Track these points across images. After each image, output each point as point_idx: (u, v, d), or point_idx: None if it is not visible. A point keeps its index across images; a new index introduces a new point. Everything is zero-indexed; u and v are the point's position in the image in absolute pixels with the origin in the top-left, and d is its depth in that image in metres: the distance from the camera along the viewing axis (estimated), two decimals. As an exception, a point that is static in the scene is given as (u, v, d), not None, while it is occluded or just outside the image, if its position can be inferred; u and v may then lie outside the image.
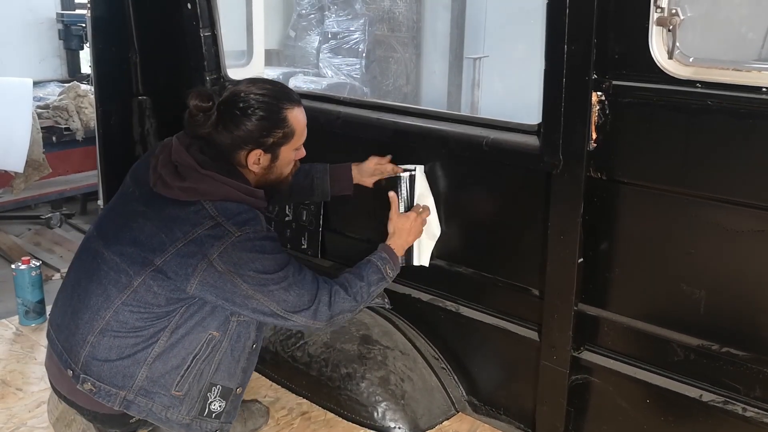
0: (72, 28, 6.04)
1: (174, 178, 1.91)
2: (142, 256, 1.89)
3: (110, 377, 1.93)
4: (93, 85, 3.21)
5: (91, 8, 3.07)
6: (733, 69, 1.69)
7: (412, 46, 5.84)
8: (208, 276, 1.86)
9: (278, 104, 1.97)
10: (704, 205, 1.83)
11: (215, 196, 1.90)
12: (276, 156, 2.01)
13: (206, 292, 1.89)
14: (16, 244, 4.95)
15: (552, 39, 1.90)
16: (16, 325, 3.10)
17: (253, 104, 1.93)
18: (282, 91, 2.02)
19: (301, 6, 6.15)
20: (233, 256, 1.86)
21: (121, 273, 1.92)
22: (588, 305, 2.10)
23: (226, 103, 1.94)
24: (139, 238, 1.91)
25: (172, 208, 1.90)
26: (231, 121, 1.93)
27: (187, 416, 1.99)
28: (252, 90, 1.96)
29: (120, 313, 1.91)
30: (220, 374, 2.01)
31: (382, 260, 2.16)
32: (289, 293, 1.93)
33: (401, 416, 2.38)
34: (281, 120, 1.97)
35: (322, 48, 6.06)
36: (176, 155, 1.94)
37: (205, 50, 2.94)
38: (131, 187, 2.04)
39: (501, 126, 2.20)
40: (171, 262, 1.87)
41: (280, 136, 1.98)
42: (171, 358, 1.94)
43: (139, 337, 1.92)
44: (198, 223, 1.87)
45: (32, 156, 4.97)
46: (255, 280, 1.89)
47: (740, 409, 1.88)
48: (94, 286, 1.95)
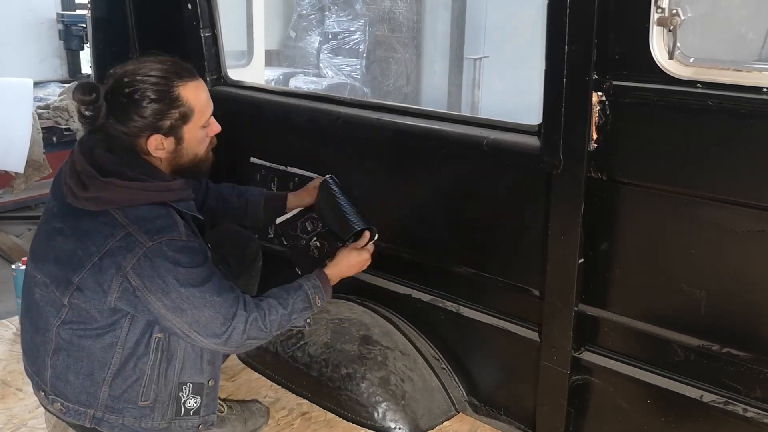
0: (72, 29, 6.03)
1: (79, 188, 1.81)
2: (64, 276, 1.83)
3: (75, 397, 1.91)
4: (93, 86, 3.21)
5: (92, 9, 3.07)
6: (734, 69, 1.69)
7: (412, 46, 5.85)
8: (124, 291, 1.78)
9: (168, 82, 1.82)
10: (704, 205, 1.83)
11: (122, 202, 1.79)
12: (180, 138, 1.86)
13: (126, 304, 1.82)
14: (17, 244, 4.95)
15: (552, 39, 1.90)
16: (17, 326, 3.09)
17: (140, 88, 1.79)
18: (171, 68, 1.86)
19: (302, 6, 6.16)
20: (146, 269, 1.75)
21: (50, 294, 1.88)
22: (588, 305, 2.10)
23: (112, 92, 1.80)
24: (59, 257, 1.85)
25: (85, 220, 1.81)
26: (120, 110, 1.79)
27: (162, 421, 1.95)
28: (137, 71, 1.81)
29: (62, 333, 1.87)
30: (186, 372, 1.95)
31: (315, 288, 2.03)
32: (202, 314, 1.81)
33: (401, 417, 2.38)
34: (174, 99, 1.82)
35: (322, 48, 6.06)
36: (78, 163, 1.84)
37: (206, 50, 2.94)
38: (51, 202, 1.96)
39: (501, 126, 2.20)
40: (88, 280, 1.79)
41: (177, 117, 1.83)
42: (129, 374, 1.89)
43: (91, 357, 1.87)
44: (109, 233, 1.77)
45: (32, 156, 4.96)
46: (168, 299, 1.78)
47: (741, 410, 1.88)
48: (37, 309, 1.92)
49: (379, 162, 2.53)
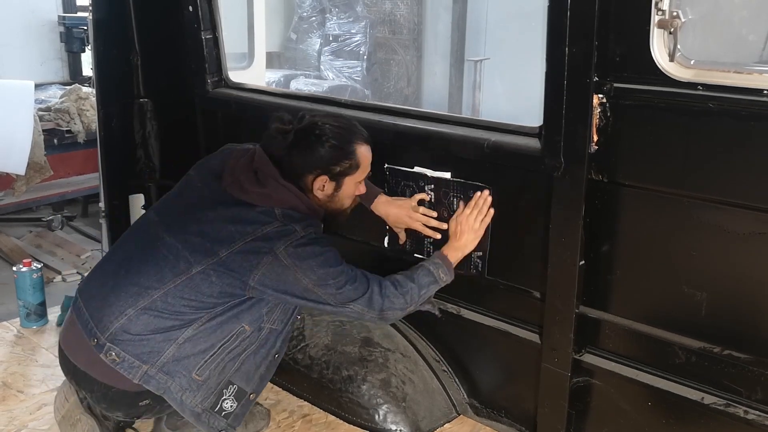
0: (73, 31, 6.05)
1: (253, 184, 2.07)
2: (207, 247, 2.01)
3: (137, 350, 1.99)
4: (94, 88, 3.22)
5: (93, 11, 3.08)
6: (734, 71, 1.69)
7: (413, 48, 5.85)
8: (273, 268, 1.99)
9: (350, 137, 2.12)
10: (705, 207, 1.83)
11: (285, 204, 2.05)
12: (340, 185, 2.14)
13: (267, 283, 2.00)
14: (18, 246, 4.96)
15: (553, 41, 1.90)
16: (18, 328, 3.10)
17: (327, 133, 2.09)
18: (355, 127, 2.17)
19: (302, 9, 6.16)
20: (298, 251, 2.00)
21: (180, 259, 2.02)
22: (589, 307, 2.10)
23: (304, 129, 2.10)
24: (205, 230, 2.03)
25: (242, 209, 2.05)
26: (305, 145, 2.08)
27: (200, 405, 2.04)
28: (328, 121, 2.13)
29: (169, 296, 2.00)
30: (239, 374, 2.08)
31: (435, 265, 2.21)
32: (344, 288, 2.06)
33: (402, 419, 2.38)
34: (351, 152, 2.11)
35: (323, 50, 6.07)
36: (259, 163, 2.10)
37: (207, 53, 2.94)
38: (198, 182, 2.18)
39: (502, 128, 2.20)
40: (236, 256, 1.99)
41: (347, 167, 2.12)
42: (201, 342, 2.01)
43: (177, 318, 2.00)
44: (267, 222, 2.02)
45: (34, 158, 4.97)
46: (315, 275, 2.02)
47: (742, 412, 1.87)
48: (149, 266, 2.04)
49: (380, 163, 2.53)
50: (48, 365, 2.79)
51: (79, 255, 4.79)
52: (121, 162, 3.26)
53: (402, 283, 2.15)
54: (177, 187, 2.24)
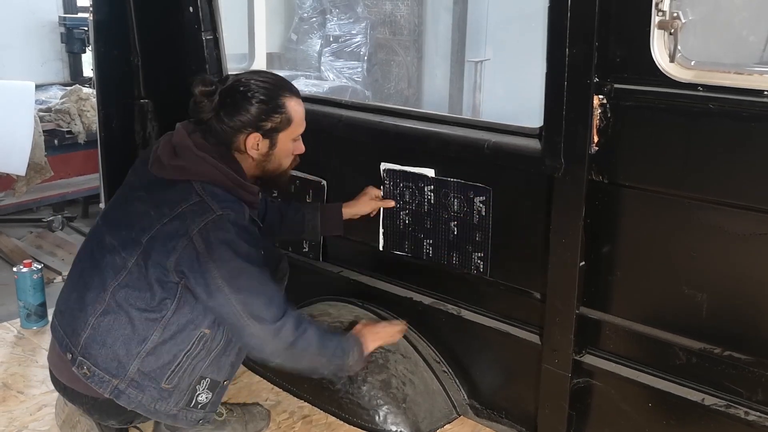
0: (74, 32, 6.04)
1: (170, 157, 1.99)
2: (133, 237, 1.95)
3: (105, 363, 1.96)
4: (95, 89, 3.22)
5: (93, 12, 3.08)
6: (735, 72, 1.69)
7: (413, 49, 5.84)
8: (186, 254, 1.89)
9: (278, 91, 2.03)
10: (706, 208, 1.83)
11: (205, 177, 1.95)
12: (274, 143, 2.06)
13: (183, 272, 1.90)
14: (18, 246, 4.95)
15: (553, 42, 1.90)
16: (18, 328, 3.10)
17: (253, 89, 2.00)
18: (282, 81, 2.09)
19: (303, 9, 6.16)
20: (211, 234, 1.88)
21: (116, 256, 1.98)
22: (590, 308, 2.10)
23: (228, 89, 2.01)
24: (132, 221, 1.98)
25: (165, 189, 1.97)
26: (232, 105, 1.99)
27: (174, 407, 2.03)
28: (253, 77, 2.04)
29: (117, 294, 1.95)
30: (210, 368, 2.05)
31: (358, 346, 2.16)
32: (257, 297, 1.93)
33: (403, 420, 2.38)
34: (279, 106, 2.02)
35: (323, 51, 6.06)
36: (177, 137, 2.03)
37: (207, 53, 2.94)
38: (131, 176, 2.13)
39: (502, 129, 2.20)
40: (156, 240, 1.92)
41: (278, 122, 2.03)
42: (163, 354, 1.97)
43: (134, 326, 1.95)
44: (183, 198, 1.93)
45: (34, 159, 4.97)
46: (227, 267, 1.88)
47: (742, 413, 1.87)
48: (97, 271, 2.01)
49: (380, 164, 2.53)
50: (48, 366, 2.79)
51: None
52: (122, 163, 3.23)
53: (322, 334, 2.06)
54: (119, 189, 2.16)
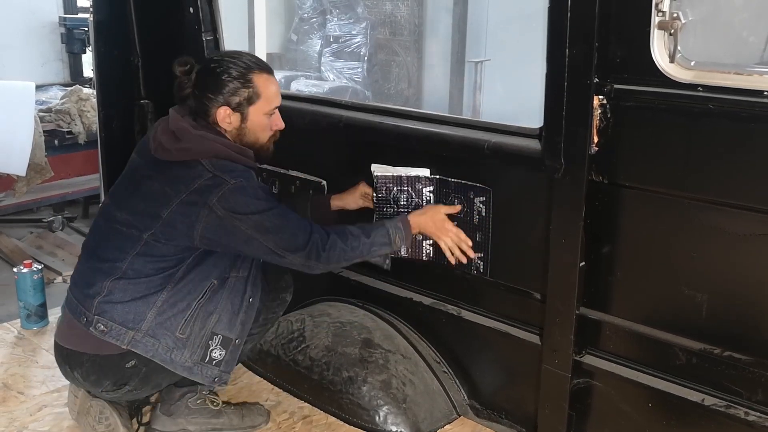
0: (74, 32, 6.04)
1: (172, 141, 2.12)
2: (151, 212, 2.09)
3: (122, 317, 2.10)
4: (95, 89, 3.22)
5: (94, 12, 3.08)
6: (735, 73, 1.70)
7: (413, 49, 5.84)
8: (210, 221, 2.04)
9: (247, 67, 2.15)
10: (706, 208, 1.83)
11: (209, 153, 2.09)
12: (245, 116, 2.16)
13: (210, 237, 2.07)
14: (18, 247, 4.95)
15: (553, 42, 1.91)
16: (18, 329, 3.10)
17: (224, 65, 2.14)
18: (253, 59, 2.22)
19: (303, 10, 6.16)
20: (230, 200, 2.04)
21: (132, 228, 2.12)
22: (590, 309, 2.10)
23: (203, 67, 2.17)
24: (147, 197, 2.12)
25: (175, 168, 2.10)
26: (205, 81, 2.15)
27: (189, 360, 2.15)
28: (227, 56, 2.20)
29: (135, 263, 2.10)
30: (221, 325, 2.18)
31: (396, 228, 2.25)
32: (282, 233, 2.10)
33: (403, 420, 2.38)
34: (248, 81, 2.14)
35: (323, 51, 6.06)
36: (173, 122, 2.15)
37: (207, 54, 2.94)
38: (136, 159, 2.26)
39: (502, 129, 2.20)
40: (176, 213, 2.06)
41: (246, 96, 2.14)
42: (177, 302, 2.12)
43: (150, 283, 2.11)
44: (197, 176, 2.07)
45: (34, 159, 4.97)
46: (252, 221, 2.06)
47: (742, 413, 1.87)
48: (110, 243, 2.16)
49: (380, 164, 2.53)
50: (48, 366, 2.79)
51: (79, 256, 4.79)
52: (122, 163, 3.25)
53: (355, 236, 2.19)
54: (124, 171, 2.31)
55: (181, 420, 2.31)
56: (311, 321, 2.64)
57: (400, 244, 2.26)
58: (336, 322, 2.61)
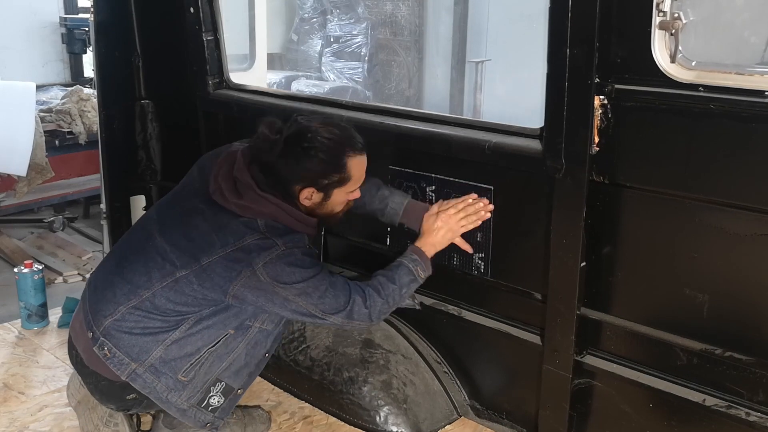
0: (75, 32, 6.05)
1: (232, 193, 2.03)
2: (192, 253, 2.00)
3: (127, 348, 2.03)
4: (96, 89, 3.22)
5: (94, 12, 3.08)
6: (736, 73, 1.69)
7: (414, 49, 5.84)
8: (251, 282, 1.97)
9: (341, 149, 2.03)
10: (707, 209, 1.83)
11: (267, 216, 2.01)
12: (328, 196, 2.08)
13: (246, 296, 1.99)
14: (19, 247, 4.95)
15: (554, 43, 1.90)
16: (19, 329, 3.10)
17: (317, 145, 2.00)
18: (348, 138, 2.06)
19: (304, 10, 6.16)
20: (276, 267, 1.96)
21: (167, 261, 2.03)
22: (591, 309, 2.10)
23: (293, 138, 2.01)
24: (192, 235, 2.03)
25: (227, 217, 2.02)
26: (294, 156, 2.01)
27: (186, 402, 2.08)
28: (320, 131, 2.02)
29: (156, 297, 2.02)
30: (228, 372, 2.10)
31: (414, 262, 2.17)
32: (325, 298, 2.02)
33: (403, 420, 2.38)
34: (341, 166, 2.03)
35: (324, 52, 6.06)
36: (237, 172, 2.05)
37: (208, 54, 2.94)
38: (197, 182, 2.15)
39: (503, 130, 2.20)
40: (217, 265, 1.98)
41: (336, 180, 2.05)
42: (187, 345, 2.04)
43: (165, 321, 2.03)
44: (248, 233, 1.98)
45: (35, 160, 4.97)
46: (294, 290, 1.99)
47: (743, 414, 1.87)
48: (140, 265, 2.06)
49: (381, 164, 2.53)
50: (49, 366, 2.80)
51: (80, 256, 4.79)
52: (123, 163, 3.26)
53: (384, 285, 2.12)
54: (180, 184, 2.23)
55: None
56: (312, 321, 2.64)
57: (424, 275, 2.19)
58: (337, 322, 2.61)
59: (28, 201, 5.28)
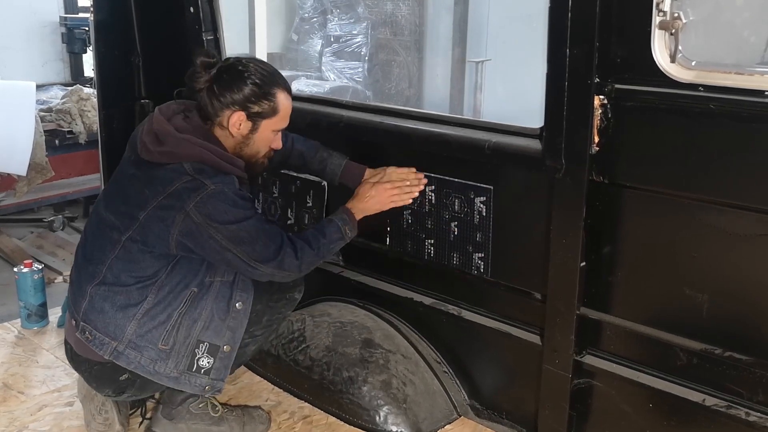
0: (75, 32, 6.05)
1: (154, 143, 2.07)
2: (129, 213, 2.06)
3: (104, 327, 2.08)
4: (96, 89, 3.22)
5: (94, 12, 3.08)
6: (736, 73, 1.69)
7: (414, 49, 5.84)
8: (186, 227, 2.00)
9: (273, 80, 2.11)
10: (707, 208, 1.83)
11: (192, 157, 2.03)
12: (256, 127, 2.12)
13: (186, 243, 2.02)
14: (19, 247, 4.96)
15: (554, 42, 1.90)
16: (18, 329, 3.10)
17: (251, 71, 2.09)
18: (278, 73, 2.17)
19: (304, 9, 6.16)
20: (207, 206, 1.99)
21: (114, 230, 2.09)
22: (590, 309, 2.10)
23: (227, 66, 2.11)
24: (128, 197, 2.09)
25: (155, 170, 2.05)
26: (227, 80, 2.07)
27: (174, 370, 2.12)
28: (253, 61, 2.13)
29: (113, 267, 2.08)
30: (207, 332, 2.13)
31: (343, 221, 2.26)
32: (256, 245, 2.05)
33: (403, 420, 2.38)
34: (271, 94, 2.10)
35: (324, 51, 6.06)
36: (156, 123, 2.09)
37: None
38: (128, 153, 2.21)
39: (503, 129, 2.20)
40: (152, 216, 2.02)
41: (266, 108, 2.10)
42: (157, 315, 2.08)
43: (129, 293, 2.08)
44: (176, 178, 2.01)
45: (35, 159, 4.97)
46: (227, 232, 2.01)
47: (743, 414, 1.87)
48: (95, 244, 2.15)
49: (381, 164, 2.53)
50: (49, 366, 2.79)
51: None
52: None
53: (315, 238, 2.19)
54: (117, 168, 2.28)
55: (182, 425, 2.29)
56: (312, 321, 2.64)
57: (351, 235, 2.27)
58: (336, 321, 2.61)
59: (28, 200, 5.28)
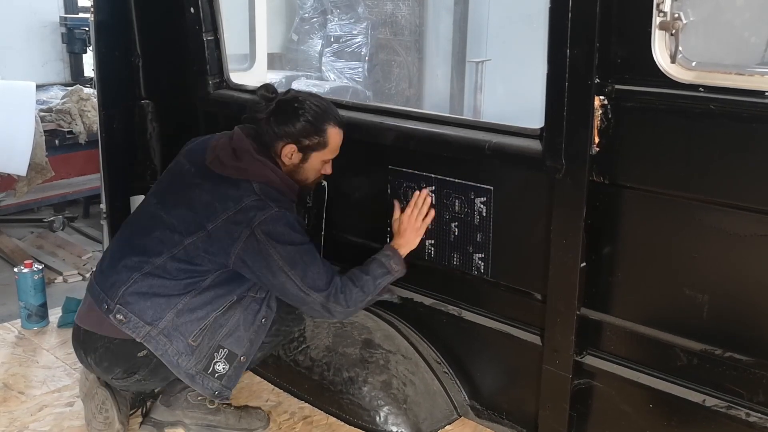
0: (75, 32, 6.05)
1: (230, 158, 2.25)
2: (197, 222, 2.19)
3: (142, 312, 2.18)
4: (96, 89, 3.22)
5: (94, 12, 3.08)
6: (736, 73, 1.69)
7: (414, 49, 5.84)
8: (248, 244, 2.14)
9: (326, 117, 2.30)
10: (707, 209, 1.83)
11: (261, 178, 2.22)
12: (306, 158, 2.31)
13: (245, 260, 2.16)
14: (19, 247, 4.96)
15: (554, 43, 1.90)
16: (18, 329, 3.10)
17: (306, 108, 2.27)
18: (332, 110, 2.34)
19: (304, 10, 6.16)
20: (269, 225, 2.15)
21: (176, 233, 2.21)
22: (591, 309, 2.10)
23: (285, 100, 2.30)
24: (195, 206, 2.22)
25: (225, 184, 2.21)
26: (283, 114, 2.27)
27: (194, 368, 2.22)
28: (310, 99, 2.32)
29: (168, 264, 2.20)
30: (229, 339, 2.24)
31: (386, 257, 2.33)
32: (309, 271, 2.18)
33: (403, 420, 2.38)
34: (322, 130, 2.28)
35: (324, 51, 6.06)
36: (237, 141, 2.28)
37: (208, 54, 2.95)
38: (187, 165, 2.35)
39: (503, 130, 2.20)
40: (220, 229, 2.16)
41: (316, 143, 2.29)
42: (197, 309, 2.20)
43: (176, 285, 2.20)
44: (245, 196, 2.18)
45: (35, 159, 4.97)
46: (285, 252, 2.15)
47: (743, 414, 1.87)
48: (150, 240, 2.24)
49: (381, 164, 2.53)
50: (49, 366, 2.80)
51: (80, 256, 4.80)
52: (123, 163, 3.26)
53: (358, 276, 2.27)
54: (168, 171, 2.42)
55: (178, 412, 2.34)
56: (312, 321, 2.64)
57: (398, 269, 2.33)
58: (336, 322, 2.61)
59: (28, 201, 5.28)
